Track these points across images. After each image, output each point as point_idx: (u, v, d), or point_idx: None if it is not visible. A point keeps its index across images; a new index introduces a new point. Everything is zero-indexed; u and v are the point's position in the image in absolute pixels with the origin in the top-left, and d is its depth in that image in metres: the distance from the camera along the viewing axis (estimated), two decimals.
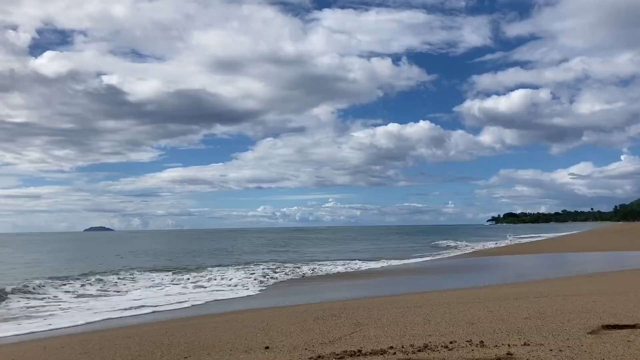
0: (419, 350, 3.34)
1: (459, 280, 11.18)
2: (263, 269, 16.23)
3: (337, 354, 3.38)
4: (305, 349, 3.60)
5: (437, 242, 35.91)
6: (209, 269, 16.38)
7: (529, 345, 3.31)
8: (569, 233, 48.65)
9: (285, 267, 16.93)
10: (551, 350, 3.16)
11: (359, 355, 3.34)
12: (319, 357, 3.36)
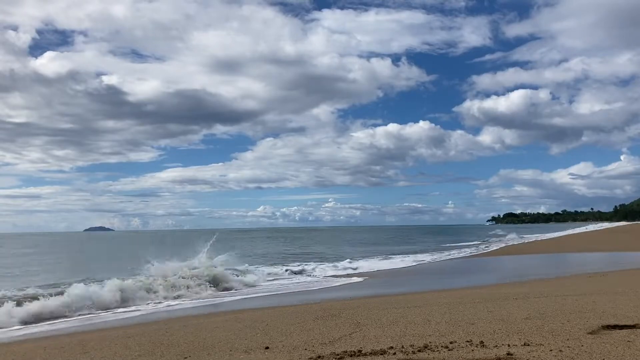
0: (419, 351, 3.34)
1: (459, 280, 11.18)
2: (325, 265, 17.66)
3: (337, 354, 3.37)
4: (305, 349, 3.59)
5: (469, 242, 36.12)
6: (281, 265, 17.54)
7: (529, 345, 3.31)
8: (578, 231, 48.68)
9: (340, 263, 18.10)
10: (551, 350, 3.15)
11: (359, 356, 3.33)
12: (319, 357, 3.36)
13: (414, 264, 17.86)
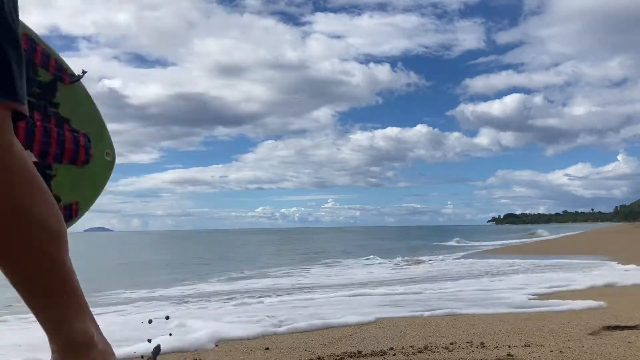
0: (419, 352, 3.33)
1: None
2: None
3: (337, 355, 3.36)
4: (305, 350, 3.59)
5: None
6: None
7: (529, 346, 3.30)
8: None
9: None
10: (552, 351, 3.15)
11: (358, 357, 3.33)
12: (319, 358, 3.35)
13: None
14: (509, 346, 3.32)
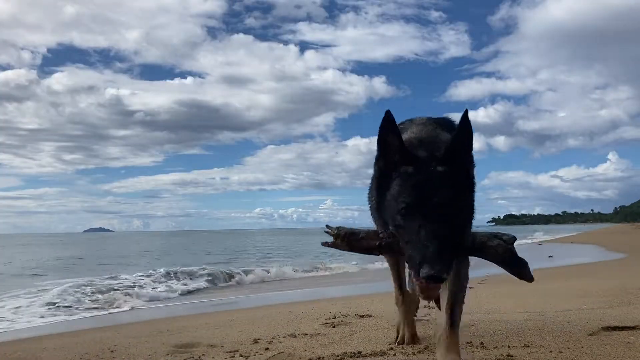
0: (419, 352, 3.34)
1: None
2: None
3: (337, 355, 3.37)
4: (305, 350, 3.60)
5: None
6: None
7: (529, 346, 3.31)
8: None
9: None
10: (551, 351, 3.16)
11: (358, 357, 3.34)
12: (319, 358, 3.36)
13: None
14: (509, 346, 3.33)
